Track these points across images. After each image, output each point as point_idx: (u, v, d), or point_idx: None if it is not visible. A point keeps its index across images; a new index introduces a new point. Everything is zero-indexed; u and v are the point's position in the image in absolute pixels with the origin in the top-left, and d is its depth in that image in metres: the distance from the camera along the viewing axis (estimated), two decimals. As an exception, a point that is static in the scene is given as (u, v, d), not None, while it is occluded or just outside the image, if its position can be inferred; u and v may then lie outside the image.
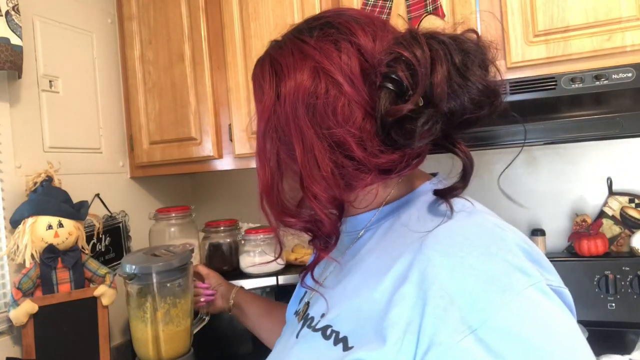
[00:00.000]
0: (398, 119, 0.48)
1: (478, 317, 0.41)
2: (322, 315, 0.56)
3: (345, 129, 0.50)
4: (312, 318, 0.59)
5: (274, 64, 0.56)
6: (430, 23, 0.47)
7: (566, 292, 0.46)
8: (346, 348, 0.49)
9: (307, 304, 0.65)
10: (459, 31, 0.51)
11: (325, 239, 0.56)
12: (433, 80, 0.46)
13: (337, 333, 0.51)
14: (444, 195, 0.52)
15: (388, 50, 0.49)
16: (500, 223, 0.49)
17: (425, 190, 0.57)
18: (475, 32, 0.51)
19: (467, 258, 0.44)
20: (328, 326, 0.53)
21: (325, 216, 0.53)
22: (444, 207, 0.51)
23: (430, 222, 0.50)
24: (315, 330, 0.55)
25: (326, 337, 0.52)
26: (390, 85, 0.48)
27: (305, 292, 0.72)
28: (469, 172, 0.52)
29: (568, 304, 0.45)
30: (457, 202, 0.52)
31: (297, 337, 0.59)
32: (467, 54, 0.48)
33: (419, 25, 0.51)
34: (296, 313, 0.69)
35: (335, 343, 0.50)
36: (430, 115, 0.47)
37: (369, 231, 0.59)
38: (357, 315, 0.50)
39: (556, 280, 0.46)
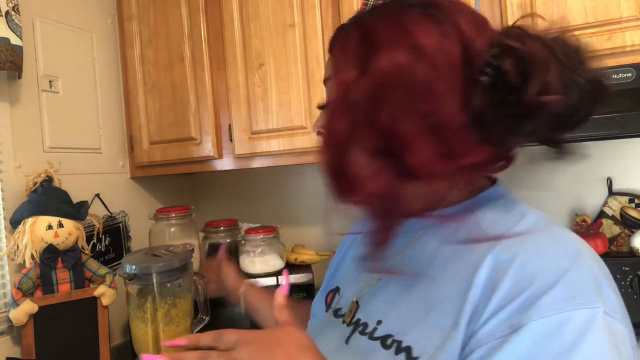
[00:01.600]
0: (501, 114, 0.45)
1: (528, 312, 0.41)
2: (379, 322, 0.54)
3: (443, 112, 0.47)
4: (366, 324, 0.56)
5: (367, 34, 0.51)
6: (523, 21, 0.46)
7: (627, 330, 0.44)
8: (410, 358, 0.48)
9: (357, 304, 0.61)
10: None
11: (386, 219, 0.52)
12: (548, 77, 0.44)
13: (399, 343, 0.50)
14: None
15: (494, 41, 0.47)
16: (577, 237, 0.48)
17: (497, 195, 0.56)
18: (569, 32, 0.49)
19: (535, 269, 0.44)
20: (389, 335, 0.51)
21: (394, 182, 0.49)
22: (519, 215, 0.51)
23: (504, 229, 0.49)
24: (372, 338, 0.53)
25: (386, 347, 0.51)
26: (488, 79, 0.46)
27: (337, 287, 0.69)
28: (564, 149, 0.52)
29: (624, 340, 0.43)
30: (529, 211, 0.52)
31: (347, 342, 0.57)
32: (569, 50, 0.46)
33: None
34: (336, 313, 0.65)
35: (397, 352, 0.49)
36: (543, 116, 0.45)
37: (427, 234, 0.57)
38: (423, 325, 0.49)
39: (620, 315, 0.44)
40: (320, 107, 0.59)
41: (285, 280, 0.67)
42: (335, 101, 0.53)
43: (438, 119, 0.47)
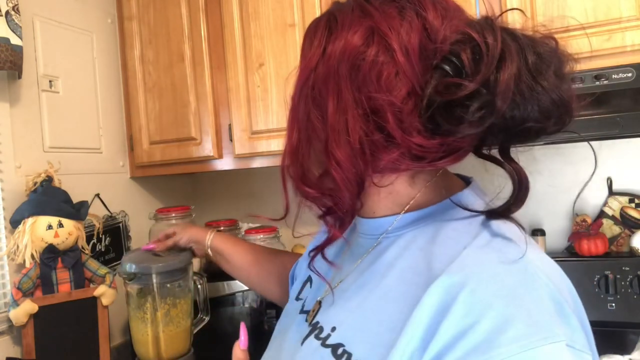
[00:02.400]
0: (449, 101, 0.43)
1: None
2: (333, 329, 0.52)
3: (386, 97, 0.46)
4: (322, 328, 0.54)
5: (330, 20, 0.52)
6: (512, 19, 0.46)
7: (589, 358, 0.40)
8: None
9: (320, 304, 0.59)
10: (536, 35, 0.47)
11: (340, 215, 0.51)
12: (499, 76, 0.41)
13: (349, 355, 0.48)
14: (496, 216, 0.47)
15: (456, 31, 0.45)
16: (537, 259, 0.45)
17: (461, 202, 0.51)
18: (555, 39, 0.47)
19: (488, 297, 0.40)
20: (340, 345, 0.50)
21: (344, 186, 0.48)
22: (477, 229, 0.47)
23: (460, 247, 0.46)
24: (325, 345, 0.51)
25: (337, 357, 0.49)
26: (448, 67, 0.44)
27: (309, 276, 0.68)
28: (523, 194, 0.47)
29: None
30: (490, 224, 0.48)
31: (302, 344, 0.55)
32: (542, 57, 0.44)
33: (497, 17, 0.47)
34: (302, 308, 0.64)
35: None
36: (486, 104, 0.42)
37: (388, 238, 0.54)
38: (374, 341, 0.47)
39: (580, 342, 0.40)
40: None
41: (243, 334, 0.66)
42: (297, 89, 0.53)
43: (379, 102, 0.46)
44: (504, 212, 0.47)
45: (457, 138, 0.44)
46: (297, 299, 0.67)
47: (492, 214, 0.48)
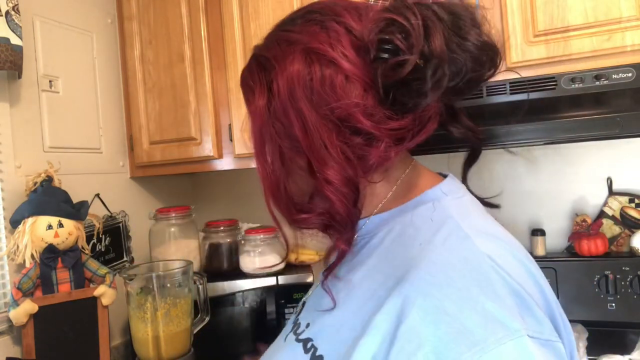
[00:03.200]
0: (402, 81, 0.46)
1: None
2: (307, 325, 0.55)
3: (348, 102, 0.47)
4: (299, 324, 0.57)
5: (260, 61, 0.54)
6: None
7: (559, 345, 0.41)
8: None
9: (303, 304, 0.63)
10: None
11: (342, 229, 0.51)
12: (431, 44, 0.45)
13: (315, 350, 0.50)
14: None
15: (377, 19, 0.47)
16: (493, 252, 0.44)
17: (428, 199, 0.52)
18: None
19: (443, 301, 0.40)
20: (309, 339, 0.52)
21: (339, 201, 0.49)
22: (437, 226, 0.48)
23: (419, 248, 0.46)
24: (298, 340, 0.54)
25: (306, 351, 0.51)
26: (385, 54, 0.47)
27: (303, 302, 0.70)
28: (477, 153, 0.51)
29: (560, 357, 0.41)
30: (452, 221, 0.48)
31: (285, 340, 0.58)
32: (456, 14, 0.47)
33: None
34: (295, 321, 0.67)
35: (312, 359, 0.49)
36: (436, 66, 0.45)
37: (363, 239, 0.55)
38: (336, 338, 0.48)
39: (547, 331, 0.41)
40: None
41: None
42: (256, 133, 0.54)
43: (344, 109, 0.47)
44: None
45: (425, 108, 0.47)
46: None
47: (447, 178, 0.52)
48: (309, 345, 0.51)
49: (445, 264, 0.43)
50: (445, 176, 0.58)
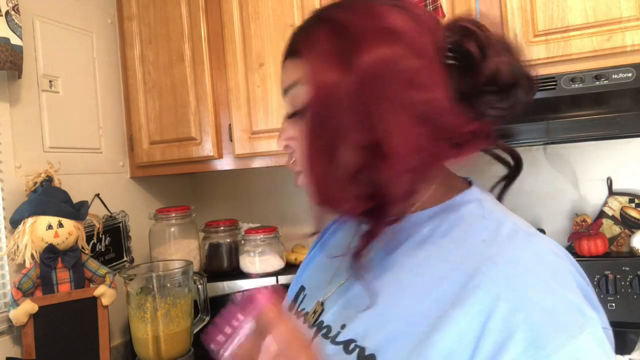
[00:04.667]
0: (477, 89, 0.49)
1: (535, 356, 0.39)
2: (343, 327, 0.52)
3: (433, 95, 0.47)
4: (329, 327, 0.54)
5: (342, 29, 0.49)
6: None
7: (611, 333, 0.45)
8: None
9: (322, 305, 0.59)
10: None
11: (385, 216, 0.49)
12: (501, 60, 0.49)
13: (363, 350, 0.48)
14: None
15: (451, 26, 0.50)
16: (554, 248, 0.47)
17: (471, 199, 0.53)
18: (481, 25, 0.53)
19: (528, 292, 0.42)
20: (352, 340, 0.50)
21: (401, 187, 0.48)
22: (495, 224, 0.49)
23: (483, 244, 0.47)
24: (335, 343, 0.51)
25: (348, 352, 0.49)
26: (459, 60, 0.50)
27: (302, 286, 0.67)
28: (516, 174, 0.54)
29: (611, 343, 0.44)
30: (507, 219, 0.50)
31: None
32: (504, 39, 0.51)
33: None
34: (299, 314, 0.63)
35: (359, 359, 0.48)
36: (507, 90, 0.50)
37: (401, 236, 0.54)
38: (388, 335, 0.47)
39: (604, 319, 0.44)
40: (292, 115, 0.54)
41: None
42: (318, 106, 0.49)
43: (430, 106, 0.47)
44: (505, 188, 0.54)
45: (492, 119, 0.50)
46: (292, 310, 0.66)
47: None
48: (351, 346, 0.49)
49: (522, 259, 0.45)
50: (467, 179, 0.59)
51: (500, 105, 0.50)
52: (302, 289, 0.68)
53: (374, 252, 0.54)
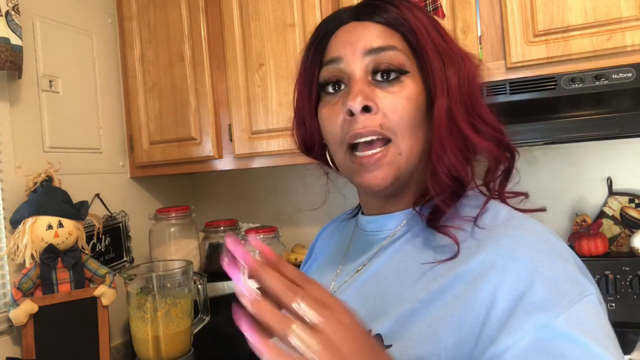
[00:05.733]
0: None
1: (543, 318, 0.42)
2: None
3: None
4: None
5: (438, 26, 0.57)
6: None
7: (604, 305, 0.48)
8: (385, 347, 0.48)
9: None
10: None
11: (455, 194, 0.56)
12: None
13: (369, 332, 0.49)
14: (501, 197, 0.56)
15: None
16: (549, 230, 0.51)
17: (463, 193, 0.56)
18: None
19: (532, 262, 0.45)
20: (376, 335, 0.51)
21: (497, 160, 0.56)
22: (495, 212, 0.53)
23: (485, 229, 0.51)
24: None
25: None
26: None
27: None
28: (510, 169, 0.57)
29: (605, 313, 0.48)
30: (504, 207, 0.55)
31: None
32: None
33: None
34: None
35: None
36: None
37: (401, 230, 0.57)
38: (395, 315, 0.49)
39: (597, 290, 0.47)
40: (387, 75, 0.55)
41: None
42: (468, 83, 0.55)
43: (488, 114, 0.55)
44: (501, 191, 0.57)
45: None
46: None
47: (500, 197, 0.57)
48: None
49: (523, 236, 0.49)
50: None
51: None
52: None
53: (375, 247, 0.59)
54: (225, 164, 1.38)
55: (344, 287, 0.59)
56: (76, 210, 1.15)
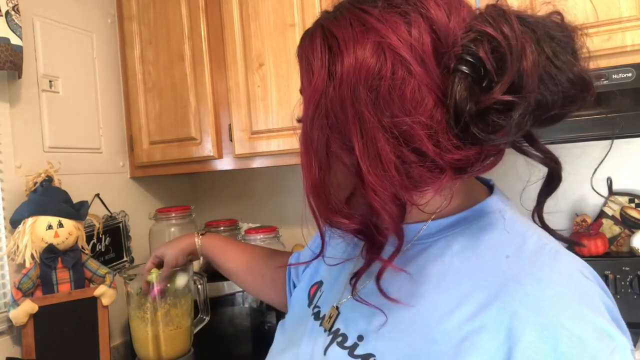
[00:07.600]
0: (482, 109, 0.40)
1: None
2: (361, 339, 0.50)
3: (415, 118, 0.42)
4: (345, 336, 0.52)
5: (327, 38, 0.47)
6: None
7: (635, 353, 0.44)
8: None
9: (337, 310, 0.57)
10: (541, 12, 0.44)
11: (381, 243, 0.47)
12: (523, 67, 0.38)
13: None
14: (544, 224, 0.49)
15: (467, 27, 0.42)
16: (582, 268, 0.45)
17: (492, 209, 0.50)
18: (561, 14, 0.45)
19: (558, 317, 0.40)
20: (370, 355, 0.48)
21: (386, 214, 0.44)
22: (520, 238, 0.46)
23: (507, 260, 0.44)
24: (353, 356, 0.50)
25: None
26: (466, 68, 0.41)
27: (321, 281, 0.65)
28: (557, 179, 0.48)
29: None
30: (531, 233, 0.47)
31: (325, 353, 0.53)
32: (558, 40, 0.42)
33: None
34: (317, 315, 0.60)
35: None
36: (525, 108, 0.39)
37: (418, 245, 0.52)
38: (409, 352, 0.45)
39: (629, 341, 0.43)
40: (299, 120, 0.52)
41: None
42: (306, 117, 0.48)
43: (409, 125, 0.42)
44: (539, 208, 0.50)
45: (495, 145, 0.43)
46: (309, 305, 0.65)
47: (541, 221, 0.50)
48: None
49: (550, 280, 0.42)
50: (484, 181, 0.56)
51: (521, 126, 0.41)
52: (320, 283, 0.66)
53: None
54: (225, 164, 1.38)
55: (353, 301, 0.55)
56: (76, 210, 1.15)
